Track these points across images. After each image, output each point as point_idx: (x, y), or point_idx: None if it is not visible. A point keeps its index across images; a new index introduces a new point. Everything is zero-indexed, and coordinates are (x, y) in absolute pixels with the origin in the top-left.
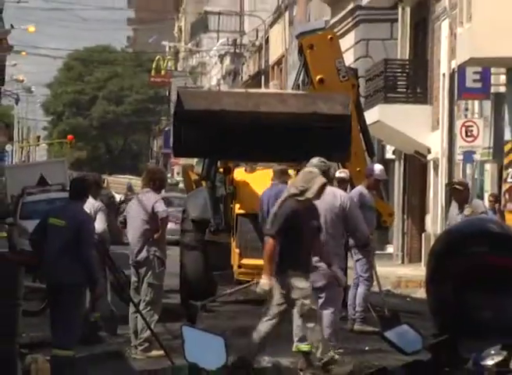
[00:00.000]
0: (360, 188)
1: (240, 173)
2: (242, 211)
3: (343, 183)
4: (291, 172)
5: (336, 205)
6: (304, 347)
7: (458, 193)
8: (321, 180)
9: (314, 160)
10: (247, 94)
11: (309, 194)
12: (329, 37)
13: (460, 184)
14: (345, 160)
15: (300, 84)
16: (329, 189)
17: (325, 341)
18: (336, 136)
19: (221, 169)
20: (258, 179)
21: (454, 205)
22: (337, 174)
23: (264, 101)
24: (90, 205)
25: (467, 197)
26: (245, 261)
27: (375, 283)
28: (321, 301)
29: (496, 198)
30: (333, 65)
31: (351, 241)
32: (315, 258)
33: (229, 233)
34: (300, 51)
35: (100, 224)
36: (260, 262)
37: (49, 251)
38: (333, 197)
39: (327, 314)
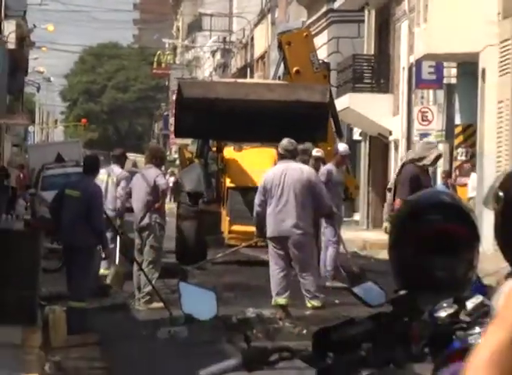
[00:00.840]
0: (328, 166)
1: (229, 152)
2: (232, 185)
3: (318, 161)
4: (273, 150)
5: (302, 178)
6: (281, 300)
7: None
8: (438, 151)
9: (284, 141)
10: (238, 84)
11: (426, 161)
12: (304, 34)
13: (446, 172)
14: (323, 140)
15: (279, 75)
16: (296, 165)
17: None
18: (316, 120)
19: (213, 148)
20: (245, 157)
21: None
22: (314, 153)
23: (254, 90)
24: (120, 171)
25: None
26: (234, 227)
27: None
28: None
29: (447, 174)
30: (308, 58)
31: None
32: None
33: (219, 203)
34: (280, 47)
35: (121, 190)
36: (247, 228)
37: (65, 218)
38: (300, 172)
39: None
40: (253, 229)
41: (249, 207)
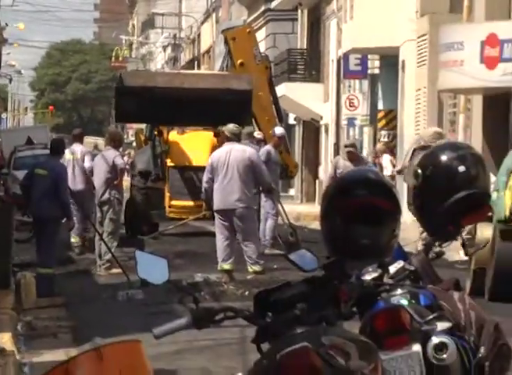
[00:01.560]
0: (268, 147)
1: (173, 135)
2: (172, 164)
3: (259, 142)
4: (210, 133)
5: (245, 157)
6: (226, 266)
7: (351, 153)
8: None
9: (230, 125)
10: (175, 74)
11: None
12: (248, 30)
13: (352, 146)
14: (248, 123)
15: (224, 67)
16: (240, 146)
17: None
18: (241, 105)
19: (155, 132)
20: (186, 140)
21: (344, 158)
22: (255, 135)
23: (188, 80)
24: (80, 149)
25: (358, 155)
26: (174, 202)
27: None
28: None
29: (376, 154)
30: (251, 52)
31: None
32: None
33: (164, 181)
34: (226, 42)
35: (87, 163)
36: (184, 203)
37: (34, 194)
38: (243, 152)
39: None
40: (190, 203)
41: (187, 184)
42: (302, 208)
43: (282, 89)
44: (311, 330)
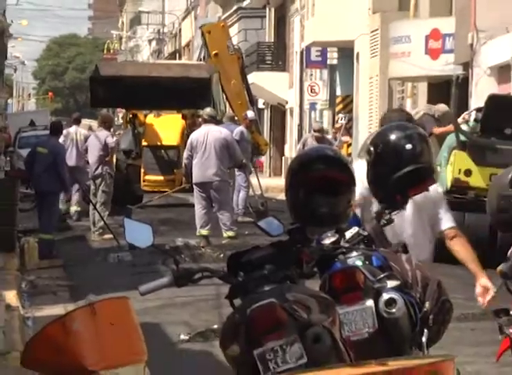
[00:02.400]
0: (240, 128)
1: (149, 118)
2: (146, 143)
3: (234, 123)
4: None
5: (221, 137)
6: (204, 232)
7: (318, 137)
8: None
9: (208, 109)
10: (143, 64)
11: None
12: (221, 25)
13: (319, 131)
14: (207, 107)
15: (202, 58)
16: (216, 127)
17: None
18: (201, 91)
19: (130, 115)
20: (160, 122)
21: (311, 137)
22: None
23: (156, 69)
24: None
25: (324, 138)
26: (147, 177)
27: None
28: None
29: (335, 134)
30: (224, 44)
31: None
32: None
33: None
34: (202, 36)
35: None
36: (156, 178)
37: (36, 169)
38: (219, 132)
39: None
40: (161, 178)
41: (158, 161)
42: (270, 182)
43: (252, 77)
44: (277, 288)
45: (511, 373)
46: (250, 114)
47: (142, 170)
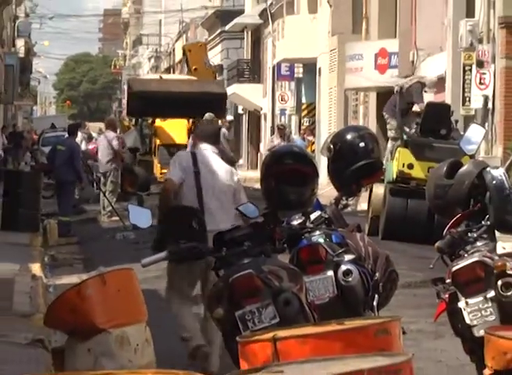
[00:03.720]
0: (223, 129)
1: (158, 122)
2: (160, 143)
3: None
4: (184, 120)
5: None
6: None
7: (281, 130)
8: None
9: (207, 115)
10: (167, 80)
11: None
12: (200, 45)
13: (282, 126)
14: (223, 117)
15: (185, 72)
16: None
17: None
18: (217, 104)
19: (149, 120)
20: (169, 124)
21: (277, 136)
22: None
23: (178, 85)
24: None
25: (285, 132)
26: (163, 170)
27: None
28: None
29: (303, 135)
30: (202, 60)
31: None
32: None
33: (150, 155)
34: (184, 53)
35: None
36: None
37: (56, 163)
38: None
39: None
40: None
41: (170, 156)
42: (247, 174)
43: (233, 88)
44: (254, 261)
45: (446, 330)
46: (229, 117)
47: (158, 165)
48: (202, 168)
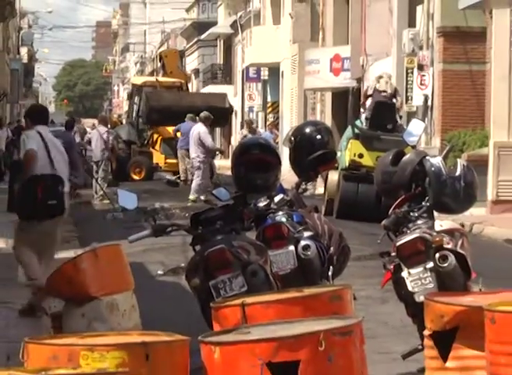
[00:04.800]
0: (200, 125)
1: None
2: (162, 137)
3: (193, 121)
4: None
5: (196, 132)
6: (192, 197)
7: (249, 125)
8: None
9: (202, 113)
10: (180, 94)
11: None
12: (174, 51)
13: (251, 121)
14: (226, 125)
15: (160, 75)
16: (198, 125)
17: None
18: (222, 116)
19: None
20: None
21: (246, 130)
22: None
23: (189, 99)
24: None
25: (252, 126)
26: (168, 161)
27: None
28: None
29: (272, 126)
30: (176, 65)
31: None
32: None
33: (148, 147)
34: (160, 59)
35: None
36: (173, 161)
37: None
38: (198, 128)
39: None
40: (174, 160)
41: (173, 150)
42: (221, 162)
43: (208, 89)
44: (226, 237)
45: (391, 296)
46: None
47: (162, 156)
48: (49, 142)
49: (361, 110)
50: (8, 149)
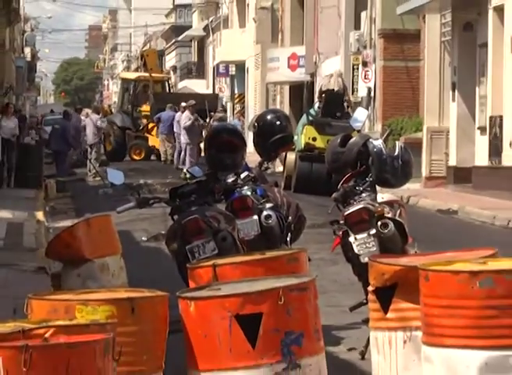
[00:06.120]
0: (183, 113)
1: (146, 107)
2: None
3: (173, 110)
4: None
5: (182, 118)
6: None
7: (220, 119)
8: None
9: (188, 102)
10: (184, 94)
11: None
12: (153, 51)
13: (222, 119)
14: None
15: (142, 71)
16: (178, 114)
17: None
18: (212, 106)
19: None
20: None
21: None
22: (169, 105)
23: (191, 98)
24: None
25: (223, 117)
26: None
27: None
28: None
29: (239, 117)
30: (155, 62)
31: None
32: None
33: (143, 132)
34: (142, 57)
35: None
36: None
37: (54, 138)
38: (180, 115)
39: None
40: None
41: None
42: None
43: (184, 83)
44: (200, 208)
45: (340, 259)
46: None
47: (158, 139)
48: None
49: (315, 101)
50: None
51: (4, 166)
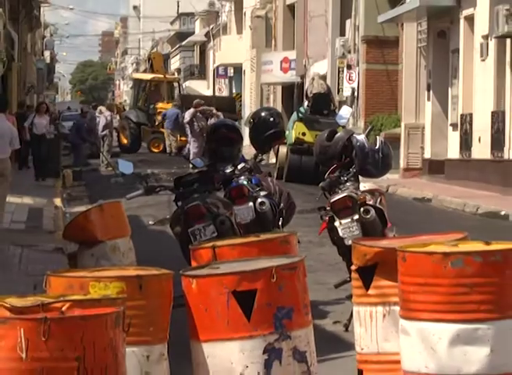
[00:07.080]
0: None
1: (162, 105)
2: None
3: (178, 108)
4: None
5: (185, 115)
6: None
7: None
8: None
9: (195, 100)
10: (206, 97)
11: None
12: (159, 54)
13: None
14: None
15: (149, 72)
16: (189, 111)
17: None
18: (231, 114)
19: (157, 105)
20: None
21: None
22: (174, 103)
23: (212, 101)
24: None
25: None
26: (181, 138)
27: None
28: None
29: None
30: (161, 64)
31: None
32: None
33: (158, 127)
34: (149, 60)
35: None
36: (183, 138)
37: (72, 132)
38: (187, 113)
39: None
40: (184, 138)
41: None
42: None
43: (187, 83)
44: (201, 196)
45: (326, 241)
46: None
47: (177, 135)
48: None
49: (305, 100)
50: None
51: (29, 158)
